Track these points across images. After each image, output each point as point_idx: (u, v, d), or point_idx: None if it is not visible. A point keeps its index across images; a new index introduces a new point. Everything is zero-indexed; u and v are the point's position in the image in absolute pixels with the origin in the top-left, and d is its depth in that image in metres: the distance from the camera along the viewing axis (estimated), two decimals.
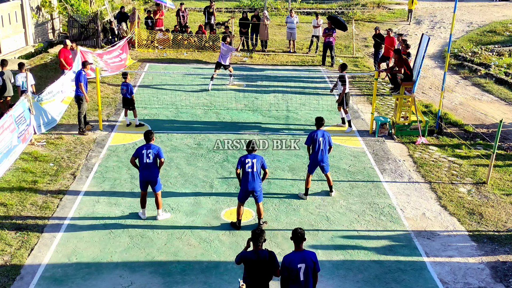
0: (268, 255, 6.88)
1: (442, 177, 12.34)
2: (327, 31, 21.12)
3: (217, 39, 23.34)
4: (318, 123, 11.04)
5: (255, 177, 9.53)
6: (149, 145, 9.93)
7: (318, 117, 11.11)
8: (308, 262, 6.87)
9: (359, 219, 10.49)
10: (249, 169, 9.49)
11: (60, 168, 12.17)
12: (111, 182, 11.63)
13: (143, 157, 9.84)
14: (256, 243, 6.88)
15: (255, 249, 6.90)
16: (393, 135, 14.60)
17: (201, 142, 13.82)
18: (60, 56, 16.56)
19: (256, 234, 6.88)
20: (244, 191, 9.66)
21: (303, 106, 16.74)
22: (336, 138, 14.31)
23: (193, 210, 10.62)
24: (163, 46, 22.99)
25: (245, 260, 6.93)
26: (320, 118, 11.09)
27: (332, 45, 21.26)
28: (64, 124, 14.74)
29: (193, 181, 11.76)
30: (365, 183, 11.95)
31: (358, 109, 16.67)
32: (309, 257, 6.90)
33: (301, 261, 6.86)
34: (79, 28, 22.87)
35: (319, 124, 11.02)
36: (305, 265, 6.85)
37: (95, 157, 12.78)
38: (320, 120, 11.04)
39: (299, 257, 6.89)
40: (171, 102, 16.70)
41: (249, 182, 9.53)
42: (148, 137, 9.97)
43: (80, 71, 13.88)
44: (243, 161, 9.54)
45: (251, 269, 6.91)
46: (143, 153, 9.86)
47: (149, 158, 9.83)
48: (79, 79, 13.71)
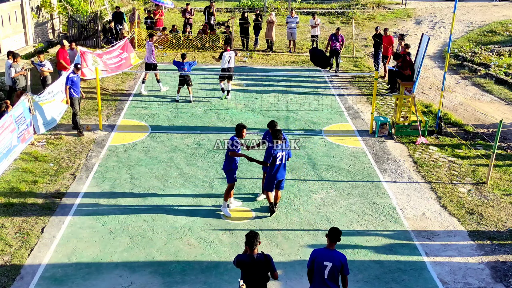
0: (264, 258, 6.84)
1: (442, 177, 12.35)
2: (333, 37, 20.15)
3: (217, 39, 23.34)
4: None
5: (284, 167, 10.19)
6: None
7: (271, 121, 10.47)
8: (336, 263, 6.88)
9: (359, 219, 10.50)
10: (279, 161, 10.01)
11: (60, 168, 12.17)
12: (111, 182, 11.63)
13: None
14: (251, 246, 6.81)
15: (250, 252, 6.87)
16: (393, 135, 14.60)
17: (201, 142, 13.82)
18: (59, 57, 16.55)
19: (250, 237, 6.84)
20: (273, 180, 10.16)
21: (303, 106, 16.74)
22: (337, 138, 14.32)
23: (193, 210, 10.62)
24: (163, 46, 22.98)
25: (240, 263, 6.90)
26: (272, 122, 10.46)
27: (339, 51, 20.26)
28: (64, 124, 14.75)
29: (193, 181, 11.77)
30: (365, 183, 11.96)
31: (358, 109, 16.67)
32: (338, 258, 6.90)
33: (329, 260, 6.89)
34: (79, 28, 22.87)
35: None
36: (332, 265, 6.86)
37: (95, 157, 12.79)
38: (272, 123, 10.41)
39: (328, 255, 6.92)
40: (171, 102, 16.70)
41: (279, 172, 10.10)
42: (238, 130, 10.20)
43: (68, 74, 14.07)
44: (275, 155, 9.94)
45: (247, 272, 6.88)
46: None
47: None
48: (66, 82, 13.94)
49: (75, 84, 14.00)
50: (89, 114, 15.56)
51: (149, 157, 12.88)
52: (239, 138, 10.16)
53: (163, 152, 13.20)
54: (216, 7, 28.83)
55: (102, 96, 15.94)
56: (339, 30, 20.38)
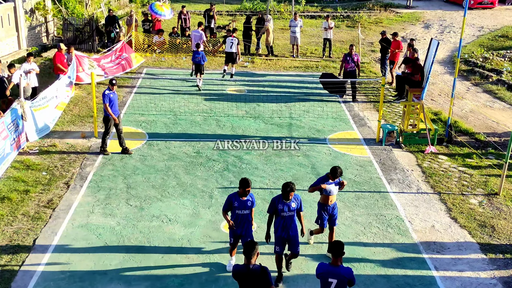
0: (260, 270, 6.83)
1: (452, 188, 12.33)
2: (347, 57, 17.98)
3: (217, 43, 23.43)
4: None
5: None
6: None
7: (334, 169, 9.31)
8: (341, 278, 6.87)
9: (365, 231, 10.48)
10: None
11: (53, 177, 12.19)
12: (106, 191, 11.64)
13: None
14: (247, 255, 6.83)
15: (246, 263, 6.86)
16: (400, 144, 14.61)
17: (200, 150, 13.84)
18: (56, 61, 16.63)
19: (247, 246, 6.85)
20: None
21: (307, 113, 16.77)
22: (342, 146, 14.32)
23: (192, 221, 10.61)
24: (161, 50, 23.08)
25: (236, 274, 6.90)
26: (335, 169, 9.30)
27: (355, 74, 18.17)
28: (57, 131, 14.78)
29: (192, 191, 11.76)
30: (371, 193, 11.95)
31: (364, 117, 16.69)
32: (343, 275, 6.87)
33: (334, 277, 6.86)
34: (74, 31, 22.98)
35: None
36: (337, 281, 6.85)
37: (90, 166, 12.80)
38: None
39: (332, 272, 6.87)
40: (169, 108, 16.75)
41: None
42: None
43: (104, 91, 13.08)
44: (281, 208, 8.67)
45: (242, 283, 6.90)
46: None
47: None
48: (103, 100, 12.95)
49: (112, 101, 13.04)
50: (84, 120, 15.60)
51: (146, 166, 12.89)
52: (241, 196, 8.71)
53: (161, 160, 13.21)
54: (217, 10, 28.95)
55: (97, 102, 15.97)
56: (353, 48, 18.13)
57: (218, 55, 22.91)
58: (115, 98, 13.24)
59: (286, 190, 8.45)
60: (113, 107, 13.13)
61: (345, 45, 25.57)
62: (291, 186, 8.46)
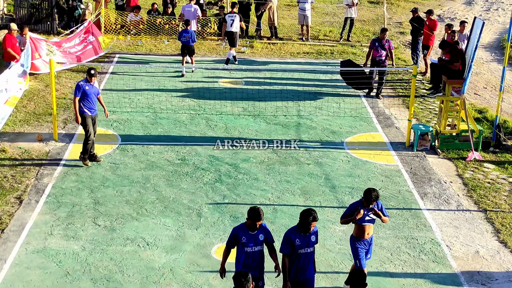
0: None
1: (501, 204, 12.35)
2: (376, 43, 17.79)
3: (208, 24, 23.48)
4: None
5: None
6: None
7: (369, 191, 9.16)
8: None
9: (392, 258, 10.49)
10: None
11: (2, 190, 12.20)
12: (69, 208, 11.65)
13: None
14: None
15: None
16: (436, 149, 14.63)
17: (186, 156, 13.86)
18: (6, 44, 16.64)
19: (239, 277, 6.84)
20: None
21: (319, 110, 16.80)
22: (363, 152, 14.34)
23: (176, 245, 10.62)
24: (137, 31, 23.09)
25: None
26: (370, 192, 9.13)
27: (385, 65, 17.99)
28: (8, 132, 14.80)
29: (176, 208, 11.78)
30: (400, 211, 11.96)
31: (391, 115, 16.72)
32: None
33: None
34: (28, 8, 23.01)
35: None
36: None
37: (48, 176, 12.82)
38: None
39: None
40: (148, 104, 16.78)
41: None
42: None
43: (79, 82, 13.13)
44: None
45: None
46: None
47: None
48: (75, 92, 13.04)
49: (88, 96, 13.05)
50: (40, 119, 15.62)
51: (119, 176, 12.90)
52: (251, 230, 8.34)
53: (137, 169, 13.23)
54: None
55: (58, 96, 16.00)
56: (385, 33, 17.80)
57: (208, 38, 22.96)
58: (93, 92, 13.22)
59: (308, 221, 7.97)
60: (89, 103, 13.14)
61: (366, 26, 25.65)
62: (313, 214, 7.93)
